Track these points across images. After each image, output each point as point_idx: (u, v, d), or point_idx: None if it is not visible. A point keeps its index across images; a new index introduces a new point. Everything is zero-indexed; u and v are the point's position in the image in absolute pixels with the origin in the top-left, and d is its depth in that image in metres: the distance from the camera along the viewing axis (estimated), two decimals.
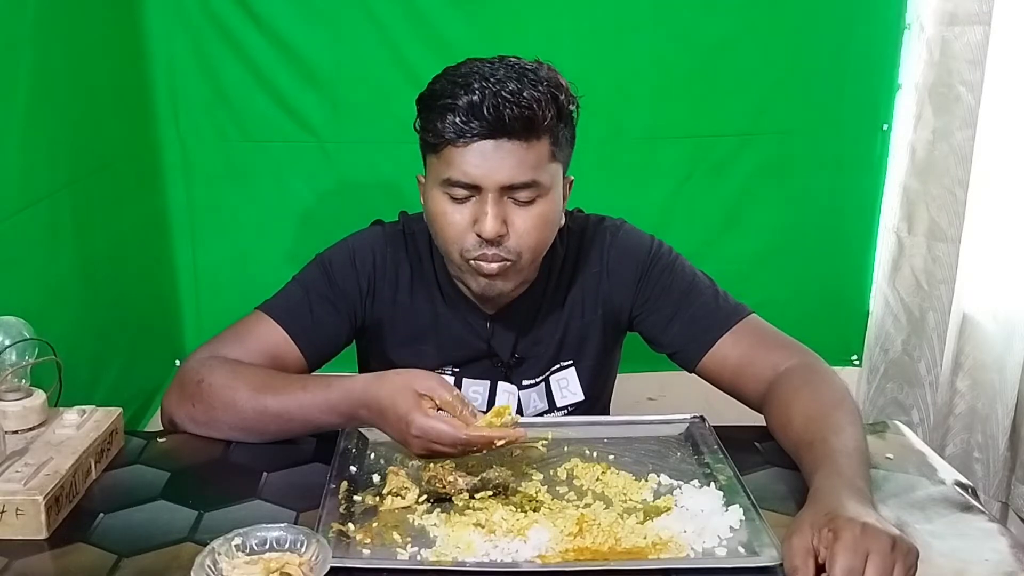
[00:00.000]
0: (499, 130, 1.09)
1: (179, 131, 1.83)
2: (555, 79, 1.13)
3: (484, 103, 1.08)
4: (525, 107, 1.08)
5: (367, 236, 1.30)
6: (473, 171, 1.11)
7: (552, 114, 1.11)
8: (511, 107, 1.08)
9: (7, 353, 1.03)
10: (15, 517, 0.90)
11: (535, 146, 1.11)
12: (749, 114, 1.90)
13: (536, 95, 1.09)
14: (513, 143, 1.10)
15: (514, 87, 1.09)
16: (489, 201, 1.12)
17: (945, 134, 1.83)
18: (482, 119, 1.08)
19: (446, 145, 1.11)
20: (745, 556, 0.88)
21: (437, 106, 1.11)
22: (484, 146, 1.10)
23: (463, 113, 1.09)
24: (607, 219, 1.32)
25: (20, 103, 1.25)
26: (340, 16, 1.78)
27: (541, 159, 1.12)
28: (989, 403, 1.85)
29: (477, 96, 1.08)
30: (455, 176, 1.12)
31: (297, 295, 1.24)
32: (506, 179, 1.11)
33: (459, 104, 1.09)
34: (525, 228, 1.14)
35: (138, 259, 1.72)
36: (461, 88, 1.09)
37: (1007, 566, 0.89)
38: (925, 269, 1.91)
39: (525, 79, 1.10)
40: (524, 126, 1.09)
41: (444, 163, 1.13)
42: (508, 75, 1.10)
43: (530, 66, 1.13)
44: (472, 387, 1.28)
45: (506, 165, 1.10)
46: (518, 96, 1.08)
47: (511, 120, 1.08)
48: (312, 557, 0.83)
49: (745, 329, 1.23)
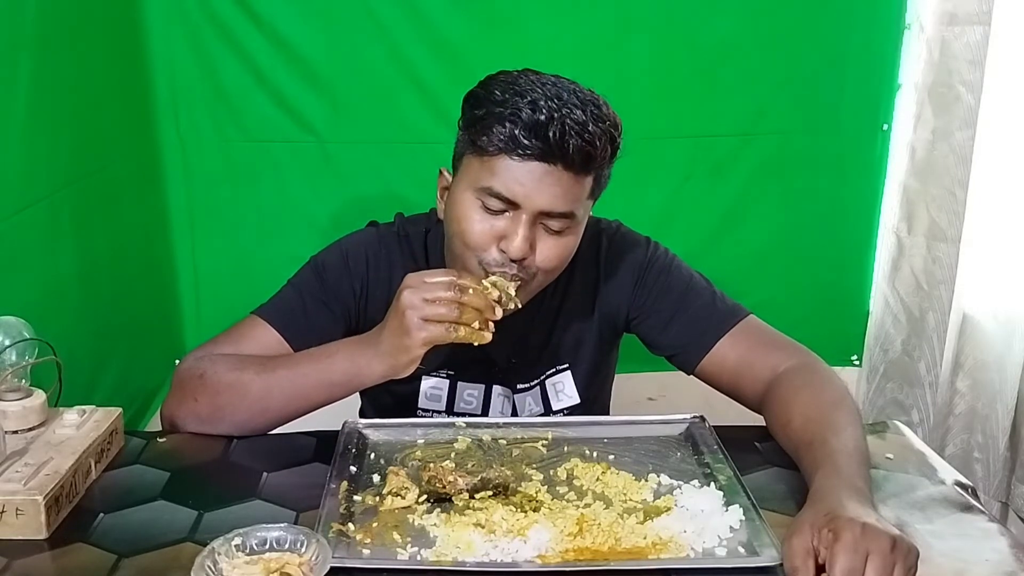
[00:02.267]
0: (558, 157, 1.06)
1: (179, 131, 1.83)
2: (615, 118, 1.11)
3: (551, 126, 1.05)
4: (587, 141, 1.06)
5: (361, 238, 1.30)
6: (517, 189, 1.08)
7: (608, 153, 1.10)
8: (576, 137, 1.05)
9: (7, 353, 1.03)
10: (15, 517, 0.90)
11: (582, 180, 1.10)
12: (749, 114, 1.90)
13: (599, 131, 1.07)
14: (565, 173, 1.08)
15: (580, 117, 1.06)
16: (523, 222, 1.09)
17: (945, 134, 1.83)
18: (545, 141, 1.06)
19: (498, 153, 1.08)
20: (745, 556, 0.88)
21: (496, 112, 1.08)
22: (537, 168, 1.07)
23: (526, 128, 1.06)
24: (603, 221, 1.32)
25: (20, 103, 1.25)
26: (340, 16, 1.78)
27: (583, 193, 1.12)
28: (989, 403, 1.85)
29: (544, 116, 1.05)
30: (496, 187, 1.09)
31: (291, 298, 1.24)
32: (547, 205, 1.09)
33: (522, 117, 1.06)
34: (548, 255, 1.13)
35: (138, 259, 1.71)
36: (527, 102, 1.06)
37: (1007, 566, 0.89)
38: (925, 269, 1.92)
39: (589, 110, 1.08)
40: (582, 159, 1.07)
41: (487, 170, 1.10)
42: (573, 102, 1.07)
43: (590, 97, 1.10)
44: (467, 391, 1.28)
45: (551, 193, 1.08)
46: (584, 128, 1.06)
47: (574, 151, 1.06)
48: (312, 557, 0.83)
49: (743, 330, 1.23)
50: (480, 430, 1.15)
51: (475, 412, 1.29)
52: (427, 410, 1.28)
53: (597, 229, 1.30)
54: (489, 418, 1.26)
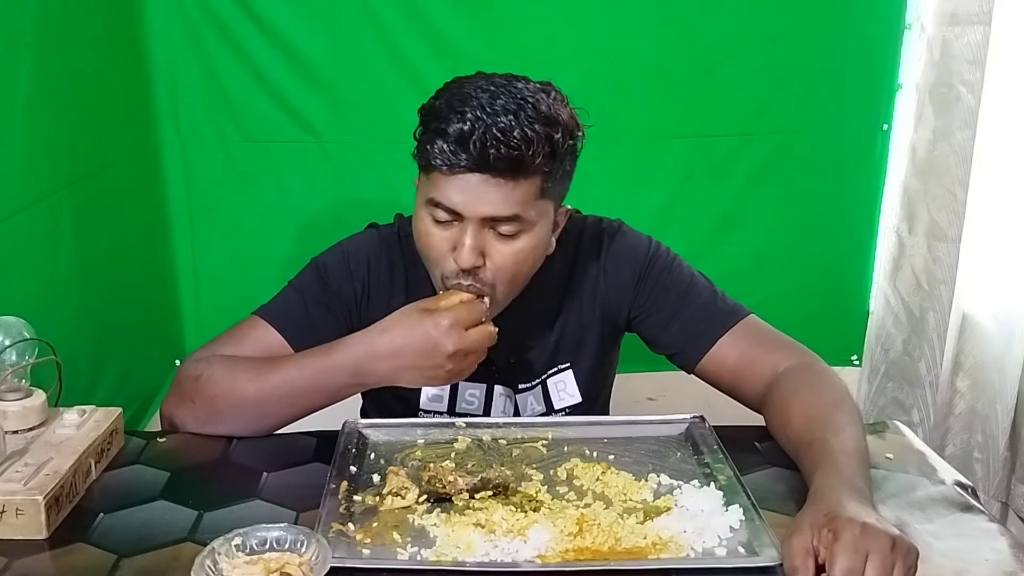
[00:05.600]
0: (484, 166, 1.07)
1: (179, 131, 1.83)
2: (554, 116, 1.09)
3: (473, 136, 1.05)
4: (514, 147, 1.05)
5: (361, 239, 1.30)
6: (456, 199, 1.09)
7: (545, 152, 1.08)
8: (499, 146, 1.05)
9: (7, 353, 1.03)
10: (15, 517, 0.90)
11: (522, 184, 1.09)
12: (749, 114, 1.90)
13: (528, 134, 1.06)
14: (498, 179, 1.08)
15: (505, 123, 1.05)
16: (469, 232, 1.10)
17: (945, 134, 1.83)
18: (468, 152, 1.06)
19: (434, 169, 1.10)
20: (745, 556, 0.88)
21: (431, 128, 1.09)
22: (469, 179, 1.08)
23: (452, 143, 1.07)
24: (604, 220, 1.32)
25: (20, 103, 1.25)
26: (340, 16, 1.78)
27: (528, 196, 1.10)
28: (989, 403, 1.85)
29: (468, 127, 1.05)
30: (438, 198, 1.10)
31: (292, 299, 1.25)
32: (488, 212, 1.09)
33: (450, 132, 1.07)
34: (503, 262, 1.12)
35: (138, 259, 1.71)
36: (456, 114, 1.07)
37: (1007, 566, 0.89)
38: (925, 269, 1.91)
39: (522, 113, 1.06)
40: (510, 165, 1.07)
41: (431, 184, 1.11)
42: (506, 107, 1.07)
43: (531, 97, 1.09)
44: (468, 391, 1.28)
45: (489, 200, 1.09)
46: (508, 135, 1.05)
47: (495, 160, 1.06)
48: (312, 557, 0.83)
49: (744, 329, 1.23)
50: (480, 430, 1.15)
51: (476, 412, 1.29)
52: (429, 411, 1.28)
53: (599, 228, 1.30)
54: (489, 418, 1.26)
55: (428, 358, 1.04)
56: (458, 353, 1.03)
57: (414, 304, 1.08)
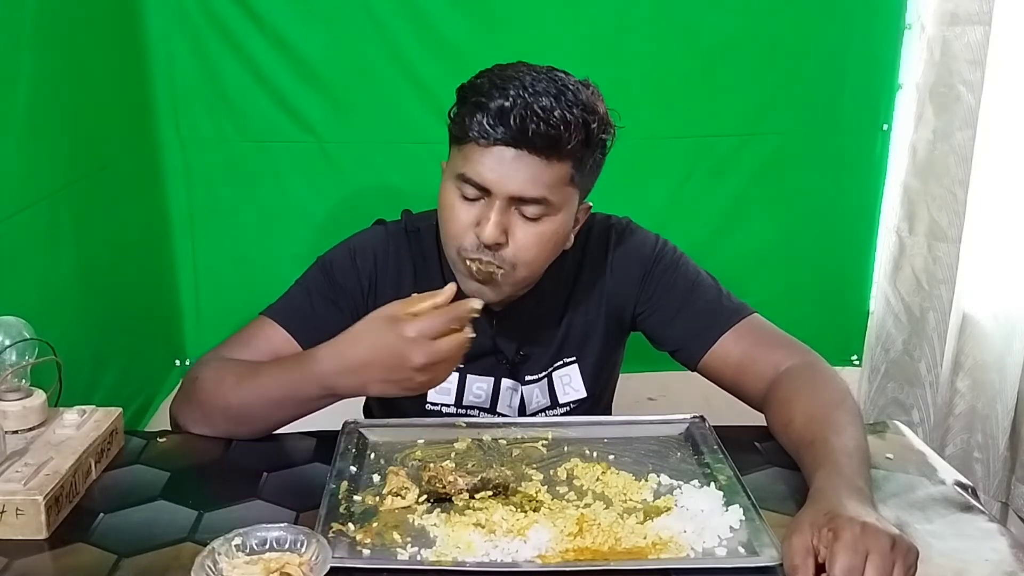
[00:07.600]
0: (521, 141, 1.09)
1: (179, 131, 1.82)
2: (592, 104, 1.13)
3: (513, 111, 1.08)
4: (552, 126, 1.08)
5: (368, 235, 1.31)
6: (487, 174, 1.11)
7: (579, 139, 1.11)
8: (538, 123, 1.08)
9: (7, 353, 1.03)
10: (15, 517, 0.90)
11: (554, 166, 1.11)
12: (749, 114, 1.90)
13: (567, 117, 1.09)
14: (533, 158, 1.10)
15: (547, 103, 1.08)
16: (495, 207, 1.12)
17: (945, 134, 1.83)
18: (507, 126, 1.08)
19: (468, 141, 1.12)
20: (745, 556, 0.88)
21: (471, 102, 1.12)
22: (503, 152, 1.10)
23: (492, 115, 1.09)
24: (613, 218, 1.33)
25: (20, 103, 1.25)
26: (340, 16, 1.78)
27: (558, 179, 1.12)
28: (989, 403, 1.85)
29: (509, 102, 1.08)
30: (469, 174, 1.12)
31: (299, 297, 1.25)
32: (516, 190, 1.11)
33: (490, 105, 1.09)
34: (525, 241, 1.14)
35: (138, 259, 1.71)
36: (498, 90, 1.09)
37: (1007, 566, 0.89)
38: (925, 269, 1.91)
39: (563, 97, 1.09)
40: (547, 143, 1.09)
41: (463, 158, 1.13)
42: (547, 89, 1.09)
43: (572, 85, 1.12)
44: (476, 383, 1.28)
45: (520, 177, 1.10)
46: (548, 113, 1.08)
47: (534, 134, 1.08)
48: (312, 557, 0.83)
49: (747, 328, 1.24)
50: (480, 430, 1.15)
51: (483, 405, 1.29)
52: (436, 403, 1.28)
53: (607, 224, 1.31)
54: (489, 418, 1.26)
55: (395, 372, 0.98)
56: (427, 365, 0.97)
57: (384, 309, 1.01)
